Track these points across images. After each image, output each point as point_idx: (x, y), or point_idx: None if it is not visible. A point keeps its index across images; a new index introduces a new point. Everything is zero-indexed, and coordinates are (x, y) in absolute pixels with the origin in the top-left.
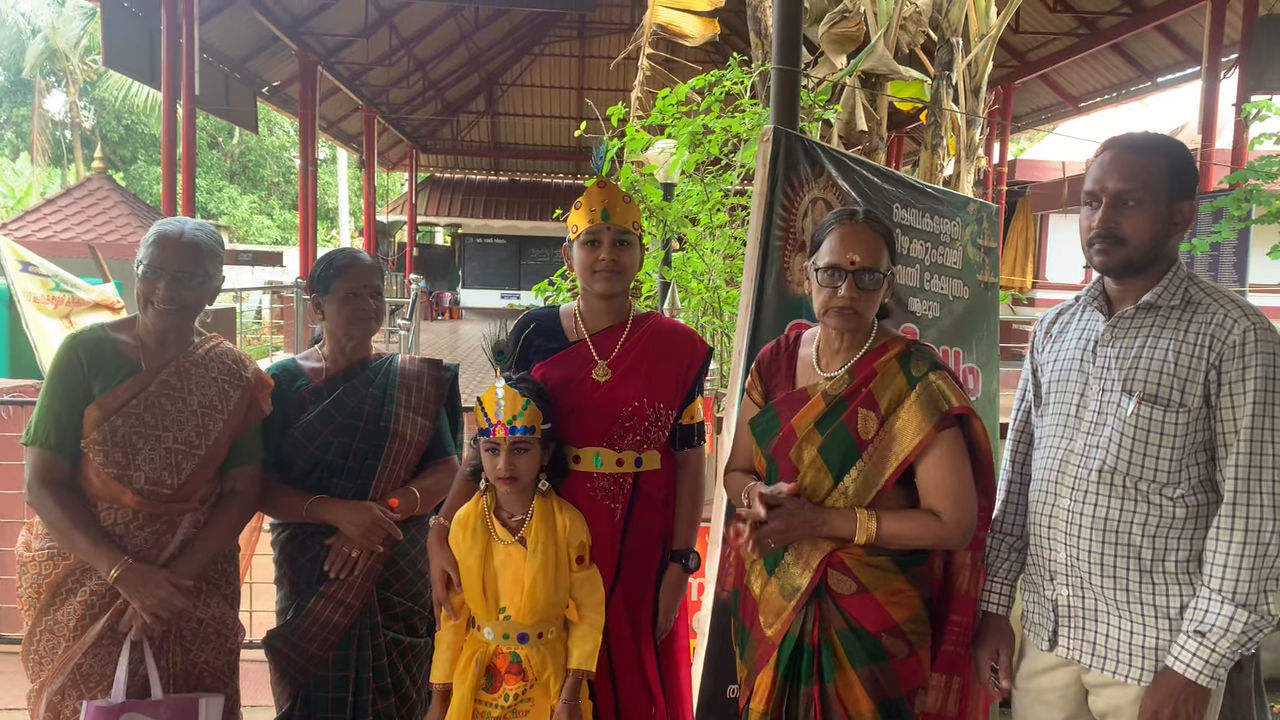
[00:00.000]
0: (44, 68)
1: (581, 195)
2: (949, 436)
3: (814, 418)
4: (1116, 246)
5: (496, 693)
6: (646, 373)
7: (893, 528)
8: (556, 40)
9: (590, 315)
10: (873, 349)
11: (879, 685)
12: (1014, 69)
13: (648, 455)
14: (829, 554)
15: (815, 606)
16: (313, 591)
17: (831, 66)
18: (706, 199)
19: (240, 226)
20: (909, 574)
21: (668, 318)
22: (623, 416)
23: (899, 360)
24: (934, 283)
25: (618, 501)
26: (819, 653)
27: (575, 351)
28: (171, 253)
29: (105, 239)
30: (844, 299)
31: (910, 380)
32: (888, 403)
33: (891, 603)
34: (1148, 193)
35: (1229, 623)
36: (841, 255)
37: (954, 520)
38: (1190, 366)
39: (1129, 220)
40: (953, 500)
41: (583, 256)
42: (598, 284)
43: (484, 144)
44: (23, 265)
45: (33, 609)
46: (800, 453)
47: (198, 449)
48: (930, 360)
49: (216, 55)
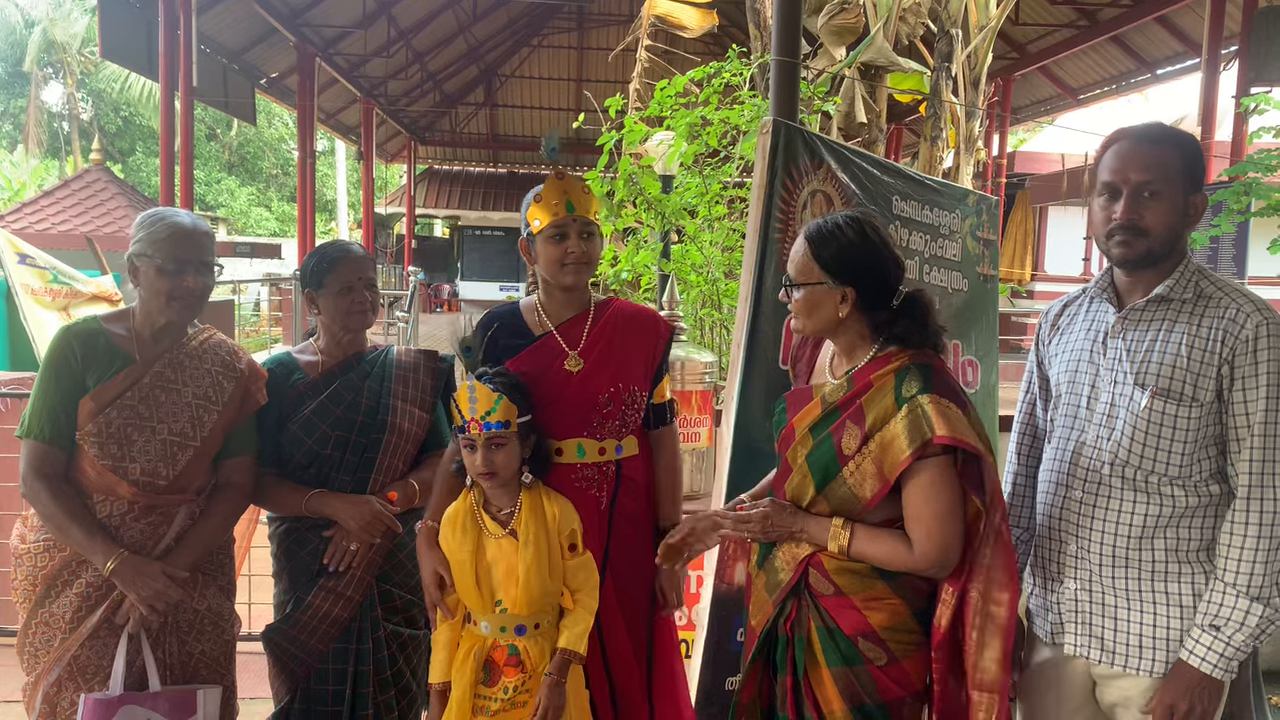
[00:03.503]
0: (41, 59)
1: (540, 188)
2: (933, 465)
3: (810, 422)
4: (1139, 238)
5: (495, 686)
6: (618, 359)
7: (863, 546)
8: (555, 32)
9: (554, 307)
10: (876, 358)
11: (854, 689)
12: (1013, 61)
13: (626, 441)
14: (810, 555)
15: (794, 602)
16: (312, 585)
17: (831, 58)
18: (705, 191)
19: (238, 218)
20: (893, 582)
21: (628, 301)
22: (600, 404)
23: (895, 375)
24: (933, 275)
25: (602, 490)
26: (792, 645)
27: (544, 345)
28: (191, 246)
29: (103, 231)
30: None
31: (899, 401)
32: (873, 421)
33: (870, 608)
34: (1167, 184)
35: (1244, 616)
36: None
37: (922, 552)
38: (1203, 361)
39: (1151, 212)
40: (924, 533)
41: (549, 251)
42: (567, 277)
43: (483, 136)
44: (20, 257)
45: (28, 601)
46: (795, 454)
47: (192, 440)
48: (924, 380)
49: (214, 46)
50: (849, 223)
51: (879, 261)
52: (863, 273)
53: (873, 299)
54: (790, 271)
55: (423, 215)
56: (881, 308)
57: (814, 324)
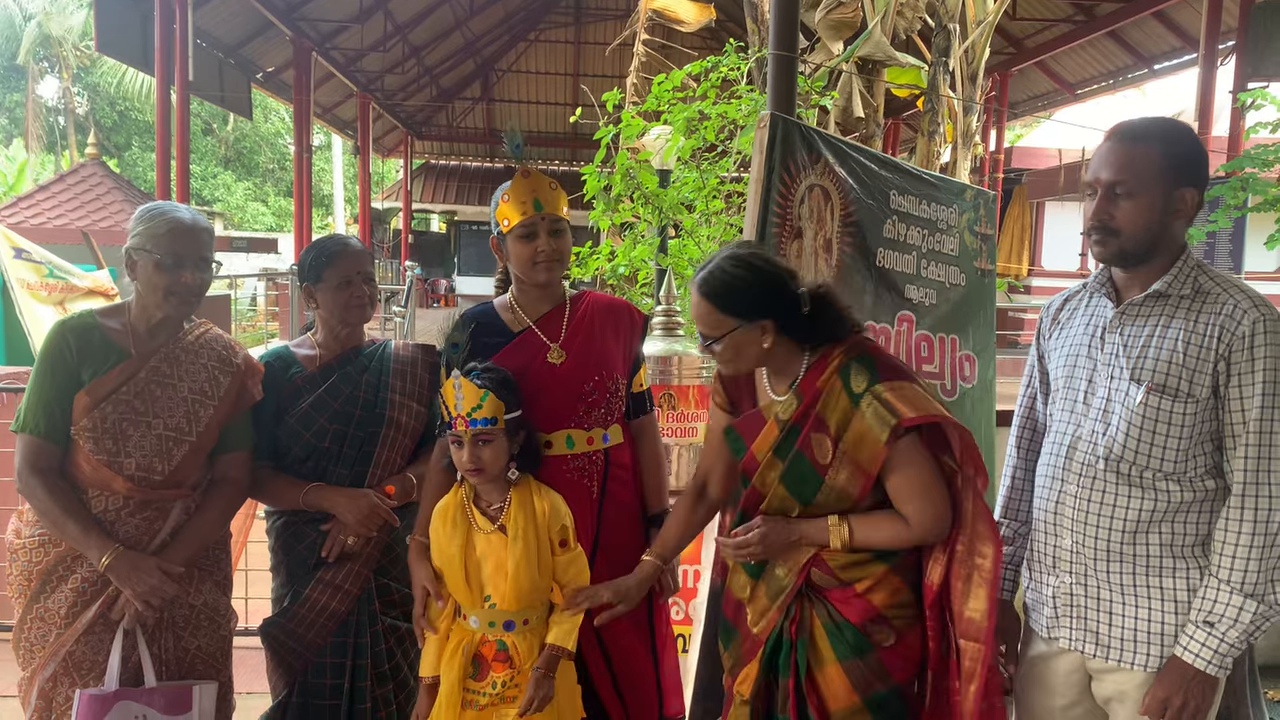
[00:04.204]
0: (37, 53)
1: (506, 187)
2: (904, 446)
3: (770, 445)
4: (1111, 238)
5: (484, 681)
6: (599, 349)
7: (864, 535)
8: (552, 26)
9: (529, 303)
10: (813, 365)
11: (867, 679)
12: (1011, 56)
13: (612, 430)
14: (812, 556)
15: (799, 604)
16: (309, 579)
17: (828, 52)
18: (703, 186)
19: (235, 213)
20: (892, 562)
21: (600, 293)
22: (584, 394)
23: (840, 375)
24: (931, 270)
25: (592, 479)
26: (795, 649)
27: (523, 340)
28: (190, 241)
29: (99, 225)
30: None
31: (853, 398)
32: (836, 425)
33: (873, 589)
34: (1139, 183)
35: (1238, 613)
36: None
37: (919, 523)
38: (1199, 357)
39: (1121, 211)
40: (916, 508)
41: (519, 249)
42: (539, 275)
43: (479, 130)
44: (16, 252)
45: (23, 596)
46: (764, 477)
47: (188, 435)
48: (869, 369)
49: (210, 41)
50: (734, 264)
51: (777, 284)
52: (770, 302)
53: (788, 318)
54: (702, 329)
55: (419, 210)
56: (798, 320)
57: (744, 364)
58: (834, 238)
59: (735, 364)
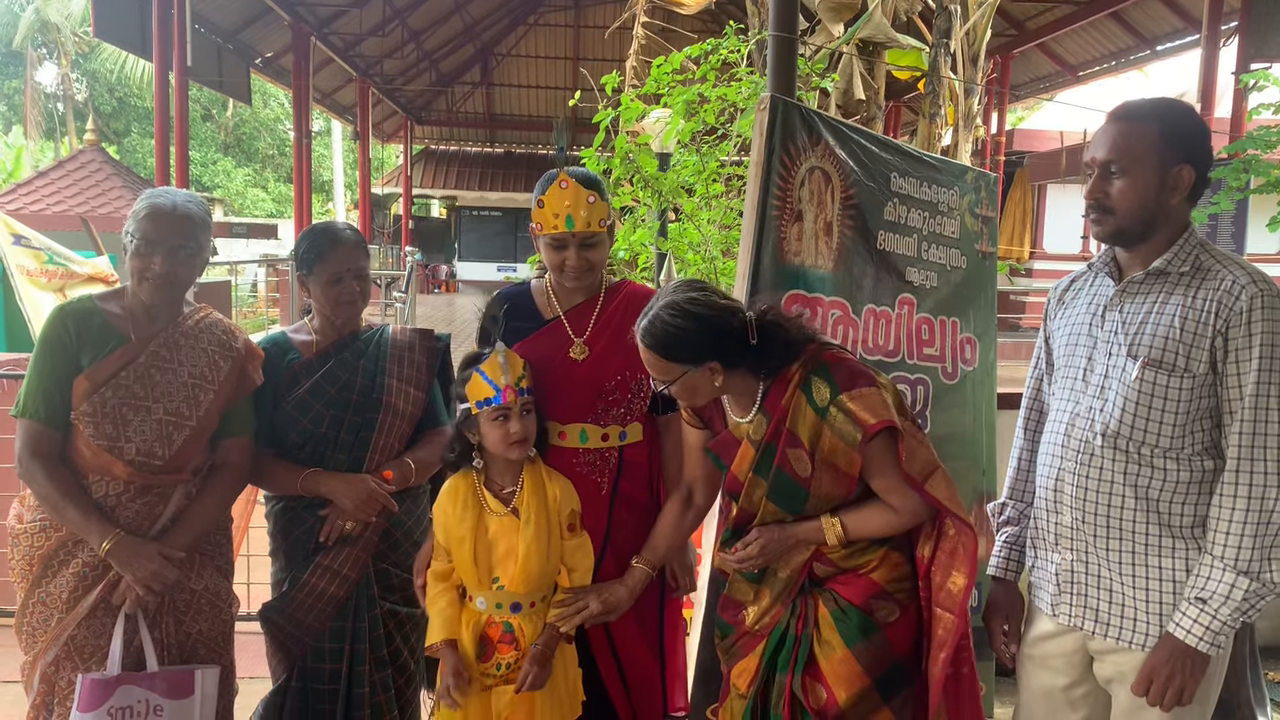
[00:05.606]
0: (36, 39)
1: (548, 184)
2: (876, 447)
3: (750, 464)
4: (1106, 215)
5: (489, 662)
6: (626, 346)
7: (858, 528)
8: (551, 10)
9: (563, 293)
10: (771, 388)
11: (877, 658)
12: (1012, 38)
13: (631, 428)
14: (813, 553)
15: (803, 598)
16: (308, 564)
17: (829, 34)
18: (702, 169)
19: (235, 199)
20: (888, 544)
21: (639, 284)
22: (605, 392)
23: (803, 390)
24: (932, 252)
25: (604, 476)
26: (799, 644)
27: (551, 330)
28: (165, 226)
29: (98, 211)
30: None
31: (819, 412)
32: (809, 438)
33: (874, 568)
34: (1132, 161)
35: (1230, 590)
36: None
37: (907, 509)
38: (1196, 332)
39: (1116, 190)
40: (900, 497)
41: (550, 255)
42: (567, 280)
43: (479, 115)
44: (15, 238)
45: (25, 581)
46: (750, 497)
47: (188, 420)
48: (828, 380)
49: (209, 26)
50: (672, 314)
51: (718, 325)
52: (712, 345)
53: (735, 354)
54: (654, 374)
55: (420, 195)
56: (745, 353)
57: (702, 398)
58: (834, 220)
59: (693, 399)
